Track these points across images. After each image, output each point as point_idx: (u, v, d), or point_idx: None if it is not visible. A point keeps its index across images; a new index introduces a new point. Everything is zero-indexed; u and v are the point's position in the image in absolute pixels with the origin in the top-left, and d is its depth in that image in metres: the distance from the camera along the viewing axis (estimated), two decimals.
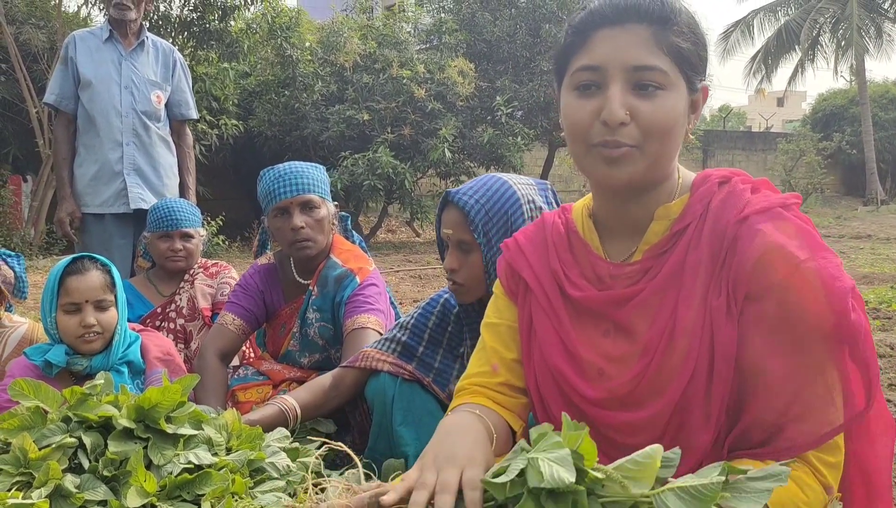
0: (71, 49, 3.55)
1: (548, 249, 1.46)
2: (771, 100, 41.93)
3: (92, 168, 3.55)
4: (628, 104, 1.22)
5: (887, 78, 30.25)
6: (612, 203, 1.37)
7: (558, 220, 1.49)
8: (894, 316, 5.17)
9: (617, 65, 1.23)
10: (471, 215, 1.92)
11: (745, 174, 1.35)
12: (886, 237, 12.55)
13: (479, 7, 14.09)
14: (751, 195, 1.28)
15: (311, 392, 2.23)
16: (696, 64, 1.27)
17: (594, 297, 1.36)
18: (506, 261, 1.53)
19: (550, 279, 1.43)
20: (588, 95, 1.26)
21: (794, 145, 21.98)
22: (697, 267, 1.26)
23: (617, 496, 0.99)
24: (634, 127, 1.23)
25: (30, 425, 1.63)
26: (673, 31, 1.24)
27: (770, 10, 25.12)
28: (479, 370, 1.51)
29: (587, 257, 1.40)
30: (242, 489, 1.58)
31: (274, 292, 2.76)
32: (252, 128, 12.24)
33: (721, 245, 1.24)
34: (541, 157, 16.92)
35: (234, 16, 11.42)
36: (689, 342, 1.24)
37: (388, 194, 11.95)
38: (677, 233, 1.30)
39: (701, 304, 1.24)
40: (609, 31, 1.24)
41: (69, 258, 2.32)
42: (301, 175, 2.60)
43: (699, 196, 1.31)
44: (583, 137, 1.27)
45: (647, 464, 0.99)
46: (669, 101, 1.24)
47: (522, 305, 1.47)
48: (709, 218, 1.28)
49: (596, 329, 1.36)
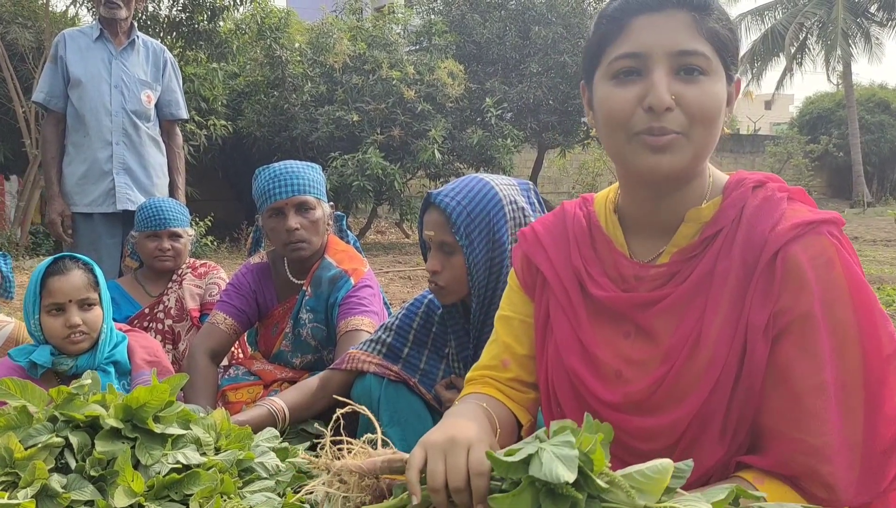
0: (61, 48, 3.52)
1: (569, 243, 1.41)
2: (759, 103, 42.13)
3: (81, 167, 3.52)
4: (673, 90, 1.19)
5: (874, 81, 30.52)
6: (642, 199, 1.32)
7: (580, 212, 1.44)
8: None
9: (660, 50, 1.19)
10: (452, 217, 1.91)
11: (780, 180, 1.31)
12: (873, 239, 12.63)
13: (468, 9, 14.12)
14: (787, 206, 1.23)
15: (300, 394, 2.23)
16: (733, 52, 1.25)
17: (617, 298, 1.32)
18: (522, 252, 1.48)
19: (571, 276, 1.38)
20: (629, 83, 1.22)
21: (782, 148, 22.11)
22: (728, 276, 1.22)
23: (621, 503, 0.98)
24: (680, 113, 1.19)
25: (16, 424, 1.61)
26: (711, 18, 1.21)
27: (757, 13, 25.26)
28: (490, 362, 1.49)
29: (611, 254, 1.36)
30: (231, 489, 1.58)
31: (267, 292, 2.75)
32: (241, 129, 12.19)
33: (754, 256, 1.20)
34: (530, 158, 16.95)
35: (223, 16, 11.36)
36: (715, 351, 1.21)
37: (377, 196, 11.93)
38: (708, 238, 1.26)
39: (729, 313, 1.21)
40: (649, 18, 1.21)
41: (50, 259, 2.30)
42: (297, 176, 2.58)
43: (732, 200, 1.27)
44: (624, 126, 1.22)
45: (656, 479, 0.98)
46: (714, 86, 1.21)
47: (539, 299, 1.43)
48: (742, 225, 1.23)
49: (616, 331, 1.33)
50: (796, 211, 1.23)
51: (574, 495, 0.96)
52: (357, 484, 1.17)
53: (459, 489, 1.08)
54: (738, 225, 1.24)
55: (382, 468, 1.17)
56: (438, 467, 1.11)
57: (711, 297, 1.23)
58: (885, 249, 11.14)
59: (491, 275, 1.95)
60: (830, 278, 1.16)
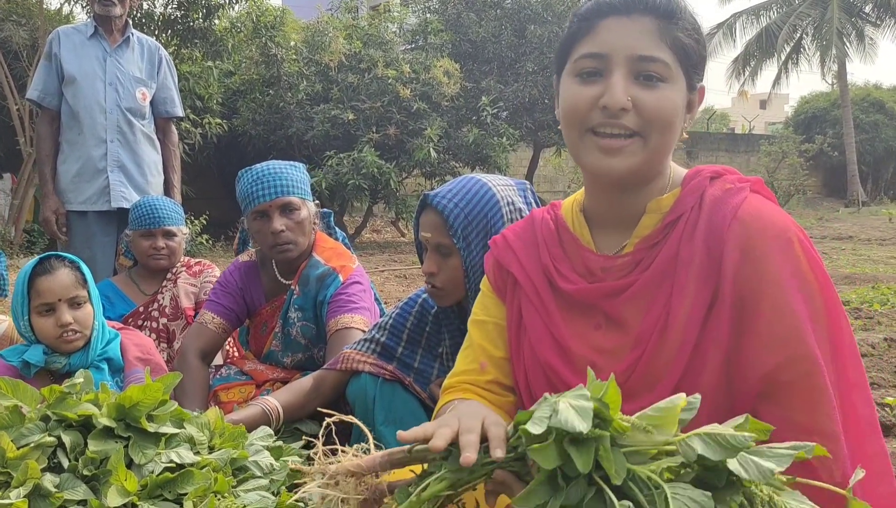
0: (55, 45, 3.51)
1: (538, 245, 1.44)
2: (754, 102, 42.26)
3: (75, 165, 3.51)
4: (630, 93, 1.22)
5: (868, 81, 30.63)
6: (604, 196, 1.36)
7: (547, 216, 1.48)
8: (876, 316, 5.22)
9: (621, 53, 1.23)
10: (450, 220, 1.90)
11: (736, 171, 1.35)
12: (867, 238, 12.68)
13: (464, 8, 14.11)
14: (748, 196, 1.27)
15: (293, 394, 2.22)
16: (696, 62, 1.28)
17: (585, 289, 1.35)
18: (493, 258, 1.51)
19: (540, 274, 1.42)
20: (590, 82, 1.26)
21: (777, 147, 22.13)
22: (691, 259, 1.25)
23: (640, 444, 0.98)
24: (635, 115, 1.23)
25: (8, 424, 1.60)
26: (678, 27, 1.24)
27: (752, 13, 25.29)
28: (466, 367, 1.49)
29: (578, 251, 1.40)
30: (225, 487, 1.57)
31: (254, 290, 2.73)
32: (236, 127, 12.17)
33: (717, 241, 1.24)
34: (526, 157, 16.95)
35: (218, 14, 11.36)
36: (684, 334, 1.24)
37: (373, 194, 11.92)
38: (669, 225, 1.30)
39: (696, 296, 1.24)
40: (616, 20, 1.25)
41: (35, 260, 2.27)
42: (280, 176, 2.55)
43: (690, 189, 1.31)
44: (579, 122, 1.27)
45: (669, 409, 0.99)
46: (671, 94, 1.24)
47: (511, 300, 1.46)
48: (703, 212, 1.27)
49: (587, 323, 1.36)
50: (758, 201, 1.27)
51: (599, 434, 0.96)
52: (355, 487, 1.15)
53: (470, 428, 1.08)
54: (700, 212, 1.28)
55: (383, 463, 1.15)
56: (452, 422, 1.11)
57: (677, 281, 1.26)
58: (879, 248, 11.18)
59: None
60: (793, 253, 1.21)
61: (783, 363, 1.19)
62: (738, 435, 0.95)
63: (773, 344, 1.19)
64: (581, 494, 0.96)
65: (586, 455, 0.95)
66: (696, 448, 0.94)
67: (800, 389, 1.18)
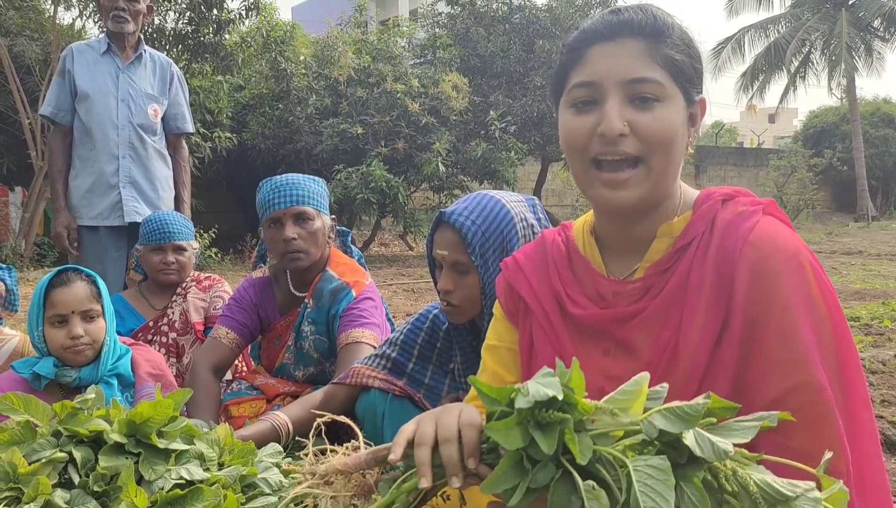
0: (69, 61, 3.54)
1: (548, 267, 1.43)
2: (762, 116, 42.22)
3: (87, 180, 3.53)
4: (626, 117, 1.22)
5: (878, 95, 30.58)
6: (614, 223, 1.35)
7: (558, 238, 1.47)
8: (886, 332, 5.18)
9: (613, 79, 1.23)
10: (468, 238, 1.89)
11: (750, 193, 1.33)
12: (877, 253, 12.61)
13: (473, 23, 14.19)
14: (761, 219, 1.25)
15: (303, 408, 2.22)
16: (691, 76, 1.27)
17: (596, 315, 1.34)
18: (505, 281, 1.50)
19: (551, 299, 1.41)
20: (586, 112, 1.26)
21: (786, 161, 22.12)
22: (701, 285, 1.24)
23: (606, 427, 0.99)
24: (634, 139, 1.22)
25: (19, 439, 1.61)
26: (667, 45, 1.24)
27: (761, 27, 25.32)
28: None
29: (588, 274, 1.39)
30: (234, 504, 1.57)
31: (269, 306, 2.75)
32: (245, 141, 12.25)
33: (728, 266, 1.22)
34: (534, 171, 16.97)
35: (228, 29, 11.45)
36: (693, 360, 1.22)
37: (381, 208, 11.96)
38: (680, 250, 1.29)
39: (706, 323, 1.22)
40: (603, 47, 1.25)
41: (54, 271, 2.31)
42: (296, 187, 2.60)
43: (702, 213, 1.29)
44: (581, 152, 1.27)
45: (635, 392, 1.00)
46: (668, 112, 1.23)
47: (523, 325, 1.46)
48: (714, 237, 1.26)
49: (596, 348, 1.34)
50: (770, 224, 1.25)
51: (562, 417, 0.96)
52: (344, 485, 1.17)
53: (448, 439, 1.07)
54: (711, 236, 1.26)
55: (368, 461, 1.16)
56: (428, 427, 1.10)
57: (687, 308, 1.25)
58: (889, 263, 11.12)
59: None
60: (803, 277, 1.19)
61: (790, 391, 1.16)
62: (694, 403, 0.96)
63: (780, 370, 1.17)
64: (548, 476, 0.96)
65: (551, 437, 0.96)
66: (656, 423, 0.95)
67: (803, 418, 1.15)
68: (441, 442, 1.08)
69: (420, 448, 1.08)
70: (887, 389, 3.66)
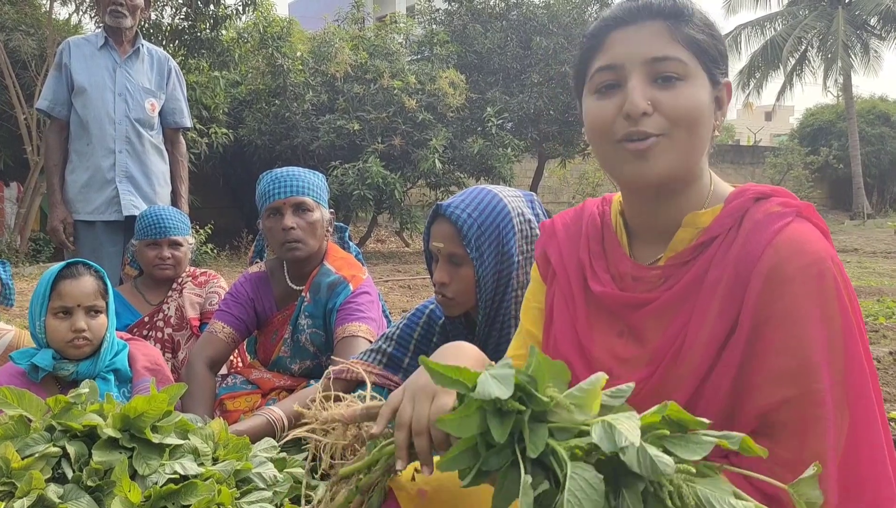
0: (65, 55, 3.52)
1: (580, 237, 1.43)
2: (759, 114, 42.27)
3: (84, 175, 3.52)
4: (650, 96, 1.20)
5: (874, 94, 30.60)
6: (641, 205, 1.33)
7: (596, 211, 1.46)
8: (881, 329, 5.20)
9: (634, 60, 1.22)
10: (464, 230, 1.90)
11: (790, 194, 1.28)
12: (873, 251, 12.64)
13: (470, 19, 14.18)
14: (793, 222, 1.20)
15: (298, 404, 2.21)
16: (715, 56, 1.25)
17: (612, 294, 1.33)
18: (541, 244, 1.51)
19: (576, 269, 1.40)
20: (609, 95, 1.24)
21: (782, 159, 22.18)
22: (718, 284, 1.21)
23: (564, 422, 1.01)
24: (659, 116, 1.20)
25: (13, 434, 1.61)
26: (687, 24, 1.23)
27: (757, 24, 25.35)
28: (514, 353, 1.51)
29: (615, 252, 1.37)
30: (229, 499, 1.57)
31: (266, 300, 2.75)
32: (242, 137, 12.22)
33: (747, 267, 1.18)
34: (530, 168, 16.98)
35: (225, 25, 11.42)
36: (698, 359, 1.21)
37: (377, 204, 11.95)
38: (702, 244, 1.26)
39: (716, 323, 1.20)
40: (623, 32, 1.24)
41: (63, 263, 2.31)
42: (297, 178, 2.60)
43: (731, 210, 1.26)
44: (606, 135, 1.24)
45: (591, 391, 1.02)
46: (693, 90, 1.21)
47: (549, 290, 1.46)
48: (740, 235, 1.22)
49: (611, 328, 1.34)
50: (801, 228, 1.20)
51: (517, 408, 0.99)
52: (342, 433, 1.23)
53: (419, 432, 1.13)
54: (736, 235, 1.23)
55: (362, 415, 1.22)
56: (406, 408, 1.16)
57: (699, 305, 1.22)
58: (885, 261, 11.15)
59: (498, 287, 1.94)
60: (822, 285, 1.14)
61: (783, 403, 1.14)
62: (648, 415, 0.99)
63: (776, 380, 1.15)
64: (501, 462, 1.00)
65: (505, 425, 0.99)
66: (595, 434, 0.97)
67: (793, 428, 1.13)
68: (414, 435, 1.13)
69: (399, 430, 1.14)
70: (882, 386, 3.68)
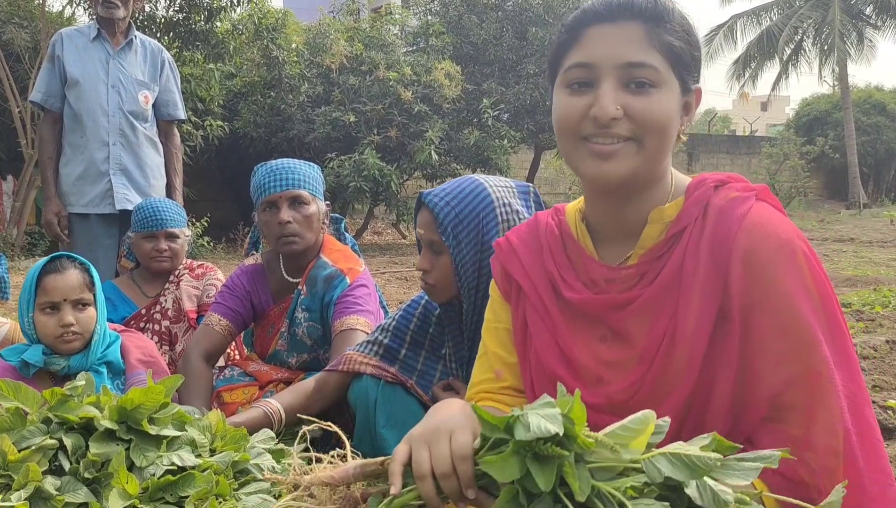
0: (58, 47, 3.51)
1: (542, 250, 1.42)
2: (755, 104, 42.25)
3: (78, 168, 3.51)
4: (621, 101, 1.20)
5: (870, 83, 30.60)
6: (604, 205, 1.34)
7: (552, 221, 1.46)
8: (877, 318, 5.21)
9: (609, 62, 1.21)
10: (440, 218, 1.92)
11: (743, 179, 1.32)
12: (869, 240, 12.66)
13: (465, 10, 14.11)
14: (755, 205, 1.24)
15: (295, 396, 2.22)
16: (689, 64, 1.25)
17: (590, 300, 1.33)
18: (499, 262, 1.50)
19: (545, 281, 1.40)
20: (580, 93, 1.24)
21: (778, 149, 22.13)
22: (696, 272, 1.23)
23: (606, 461, 0.97)
24: (627, 121, 1.21)
25: (9, 426, 1.60)
26: (666, 30, 1.22)
27: (753, 14, 25.29)
28: (482, 377, 1.49)
29: (581, 259, 1.37)
30: (227, 490, 1.57)
31: (262, 293, 2.74)
32: (237, 129, 12.17)
33: (722, 253, 1.21)
34: (527, 159, 16.94)
35: (220, 17, 11.36)
36: (691, 349, 1.21)
37: (374, 196, 11.93)
38: (674, 236, 1.27)
39: (702, 310, 1.21)
40: (601, 28, 1.23)
41: (47, 258, 2.29)
42: (292, 171, 2.59)
43: (695, 200, 1.28)
44: (572, 131, 1.25)
45: (639, 430, 0.98)
46: (662, 98, 1.22)
47: (516, 307, 1.45)
48: (708, 223, 1.25)
49: (592, 334, 1.34)
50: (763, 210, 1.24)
51: (560, 453, 0.95)
52: (329, 497, 1.15)
53: (446, 474, 1.08)
54: (704, 223, 1.25)
55: (356, 474, 1.15)
56: (423, 456, 1.10)
57: (682, 295, 1.24)
58: (881, 250, 11.17)
59: (481, 276, 1.94)
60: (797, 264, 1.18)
61: (789, 382, 1.16)
62: (704, 456, 0.95)
63: (779, 361, 1.17)
64: None
65: (548, 471, 0.95)
66: (662, 468, 0.94)
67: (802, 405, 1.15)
68: (440, 478, 1.08)
69: (423, 481, 1.09)
70: (878, 374, 3.68)
